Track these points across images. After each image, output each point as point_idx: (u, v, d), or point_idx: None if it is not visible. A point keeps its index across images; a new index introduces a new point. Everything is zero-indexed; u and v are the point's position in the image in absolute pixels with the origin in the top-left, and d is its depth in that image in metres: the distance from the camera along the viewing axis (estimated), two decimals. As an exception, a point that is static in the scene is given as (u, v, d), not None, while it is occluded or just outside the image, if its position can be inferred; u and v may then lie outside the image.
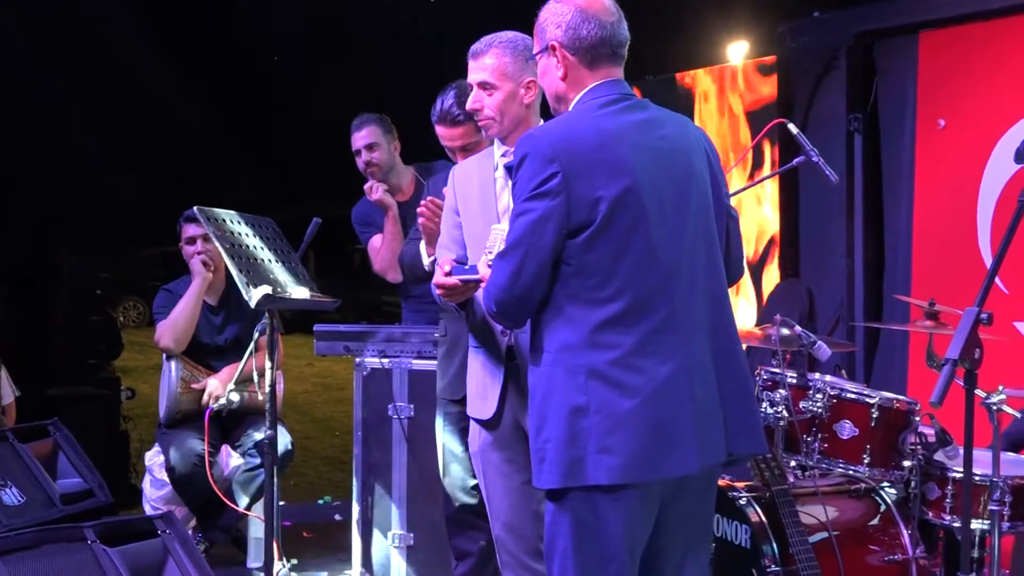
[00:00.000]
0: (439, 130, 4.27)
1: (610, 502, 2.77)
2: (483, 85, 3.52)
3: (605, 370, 2.75)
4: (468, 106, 3.59)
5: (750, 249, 7.29)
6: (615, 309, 2.76)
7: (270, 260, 4.08)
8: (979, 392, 3.48)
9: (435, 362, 4.28)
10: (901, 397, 4.38)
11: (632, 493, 2.77)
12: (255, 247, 4.07)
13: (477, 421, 3.57)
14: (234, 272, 3.91)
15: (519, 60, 3.47)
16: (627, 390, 2.74)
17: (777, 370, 4.38)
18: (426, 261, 4.08)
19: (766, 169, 7.10)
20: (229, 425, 5.41)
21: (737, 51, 7.78)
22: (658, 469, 2.76)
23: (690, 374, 2.79)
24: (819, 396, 4.28)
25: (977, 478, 3.94)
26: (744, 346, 7.04)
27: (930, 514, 4.24)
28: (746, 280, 7.42)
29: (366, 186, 5.25)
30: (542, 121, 3.51)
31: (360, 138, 5.29)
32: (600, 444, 2.72)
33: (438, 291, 3.26)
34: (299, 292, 4.07)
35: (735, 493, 4.10)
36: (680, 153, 2.88)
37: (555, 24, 2.89)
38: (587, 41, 2.86)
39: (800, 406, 4.30)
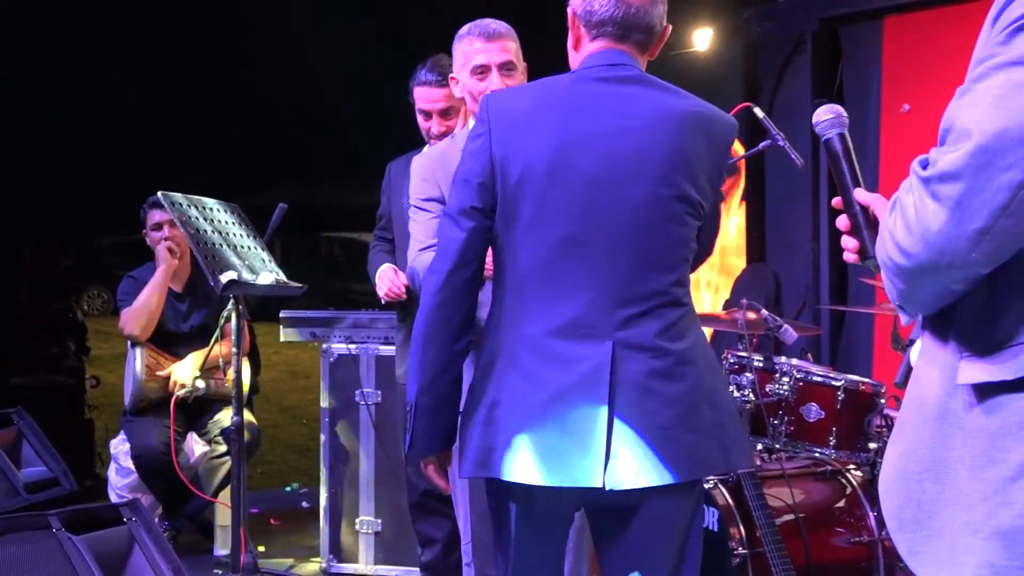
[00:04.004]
0: (422, 92, 4.18)
1: (515, 500, 2.66)
2: (506, 66, 3.37)
3: (520, 358, 2.58)
4: (492, 88, 3.34)
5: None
6: (515, 291, 2.62)
7: (236, 246, 4.06)
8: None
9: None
10: (867, 380, 4.40)
11: (531, 494, 2.60)
12: (220, 232, 4.04)
13: None
14: (199, 258, 3.89)
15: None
16: (534, 383, 2.55)
17: (743, 354, 4.39)
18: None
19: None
20: (195, 413, 5.38)
21: (702, 37, 7.79)
22: (551, 475, 2.52)
23: (623, 387, 2.52)
24: (785, 379, 4.30)
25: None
26: (711, 330, 7.08)
27: (896, 496, 4.27)
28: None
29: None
30: None
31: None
32: (507, 436, 2.56)
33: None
34: (265, 278, 4.05)
35: (702, 476, 4.11)
36: (643, 133, 2.58)
37: None
38: (596, 16, 2.65)
39: (766, 389, 4.32)
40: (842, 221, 1.96)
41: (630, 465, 2.50)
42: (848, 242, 1.94)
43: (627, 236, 2.55)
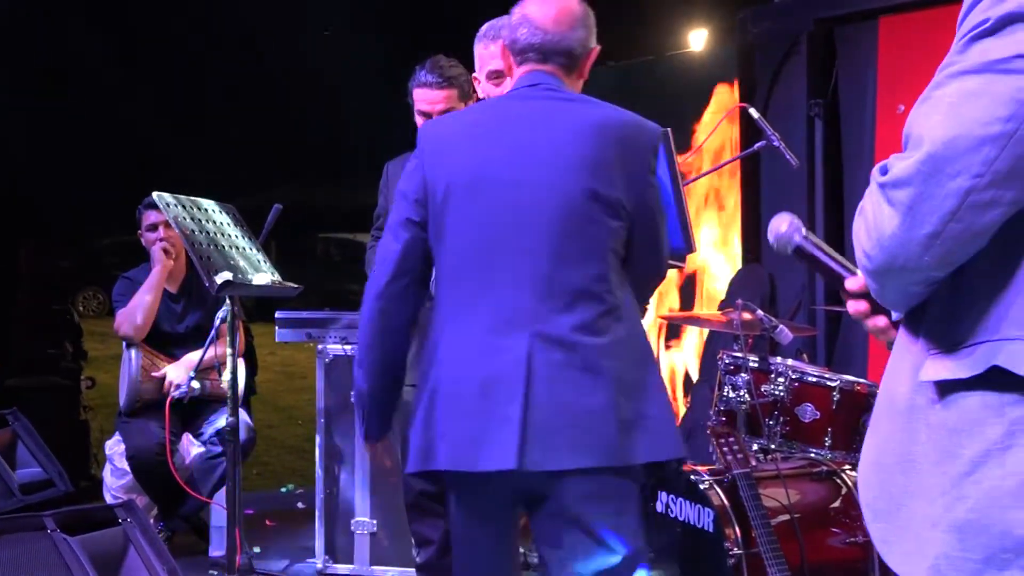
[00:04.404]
0: (421, 94, 4.14)
1: (454, 490, 2.89)
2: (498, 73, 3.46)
3: (452, 355, 2.79)
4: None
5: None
6: (448, 295, 2.83)
7: (231, 247, 4.06)
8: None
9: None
10: (862, 380, 4.40)
11: (464, 483, 2.83)
12: (216, 233, 4.05)
13: None
14: (194, 259, 3.89)
15: None
16: (462, 376, 2.75)
17: (739, 354, 4.39)
18: None
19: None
20: (190, 413, 5.38)
21: (698, 38, 7.80)
22: (475, 461, 2.71)
23: (539, 371, 2.69)
24: (781, 380, 4.31)
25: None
26: (706, 331, 7.05)
27: (891, 496, 4.26)
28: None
29: None
30: None
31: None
32: (443, 429, 2.77)
33: None
34: (260, 278, 4.05)
35: (698, 477, 4.12)
36: (555, 141, 2.79)
37: (506, 25, 2.98)
38: (519, 44, 2.90)
39: (762, 390, 4.32)
40: (855, 306, 1.96)
41: (544, 448, 2.67)
42: (879, 321, 1.93)
43: (544, 236, 2.74)
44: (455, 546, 2.99)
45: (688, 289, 7.62)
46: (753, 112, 4.54)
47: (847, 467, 4.35)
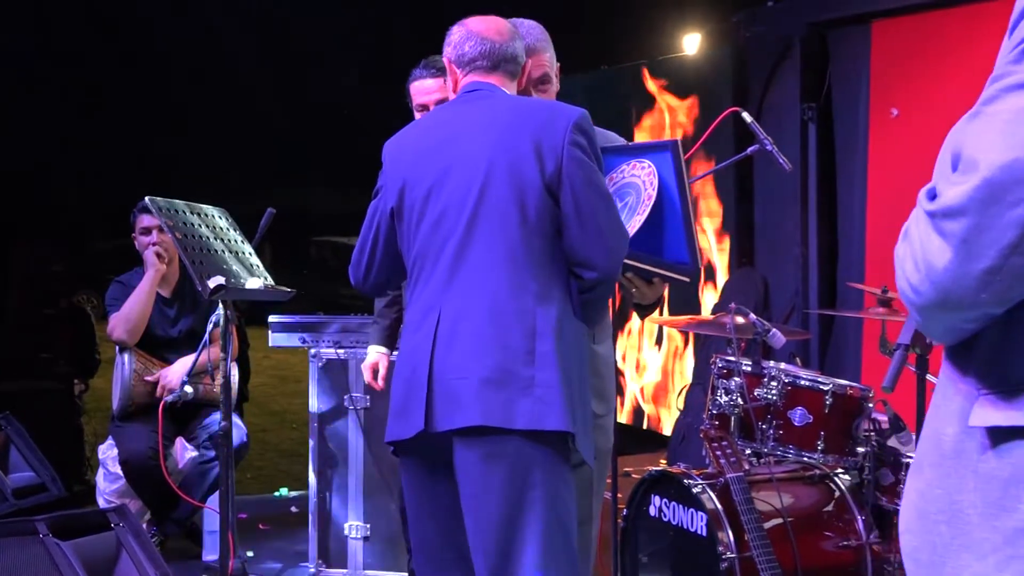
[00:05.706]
0: (417, 87, 4.12)
1: (399, 457, 3.13)
2: (542, 79, 3.41)
3: (402, 338, 3.15)
4: None
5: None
6: (410, 283, 3.11)
7: (224, 251, 4.05)
8: (931, 378, 3.50)
9: (391, 352, 4.27)
10: (855, 384, 4.41)
11: (403, 454, 3.08)
12: (209, 237, 4.04)
13: None
14: (187, 263, 3.89)
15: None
16: (402, 351, 3.09)
17: (732, 358, 4.39)
18: None
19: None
20: (183, 418, 5.37)
21: (691, 42, 7.81)
22: (399, 430, 2.98)
23: (440, 341, 2.93)
24: (773, 384, 4.31)
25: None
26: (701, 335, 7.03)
27: (884, 500, 4.27)
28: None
29: None
30: None
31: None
32: (391, 404, 3.06)
33: None
34: (253, 282, 4.04)
35: (691, 481, 4.12)
36: (479, 134, 3.02)
37: (448, 44, 3.19)
38: (466, 56, 3.14)
39: (755, 394, 4.32)
40: None
41: (443, 410, 2.88)
42: None
43: (463, 219, 2.97)
44: (407, 513, 3.19)
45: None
46: (746, 116, 4.53)
47: (840, 471, 4.36)
